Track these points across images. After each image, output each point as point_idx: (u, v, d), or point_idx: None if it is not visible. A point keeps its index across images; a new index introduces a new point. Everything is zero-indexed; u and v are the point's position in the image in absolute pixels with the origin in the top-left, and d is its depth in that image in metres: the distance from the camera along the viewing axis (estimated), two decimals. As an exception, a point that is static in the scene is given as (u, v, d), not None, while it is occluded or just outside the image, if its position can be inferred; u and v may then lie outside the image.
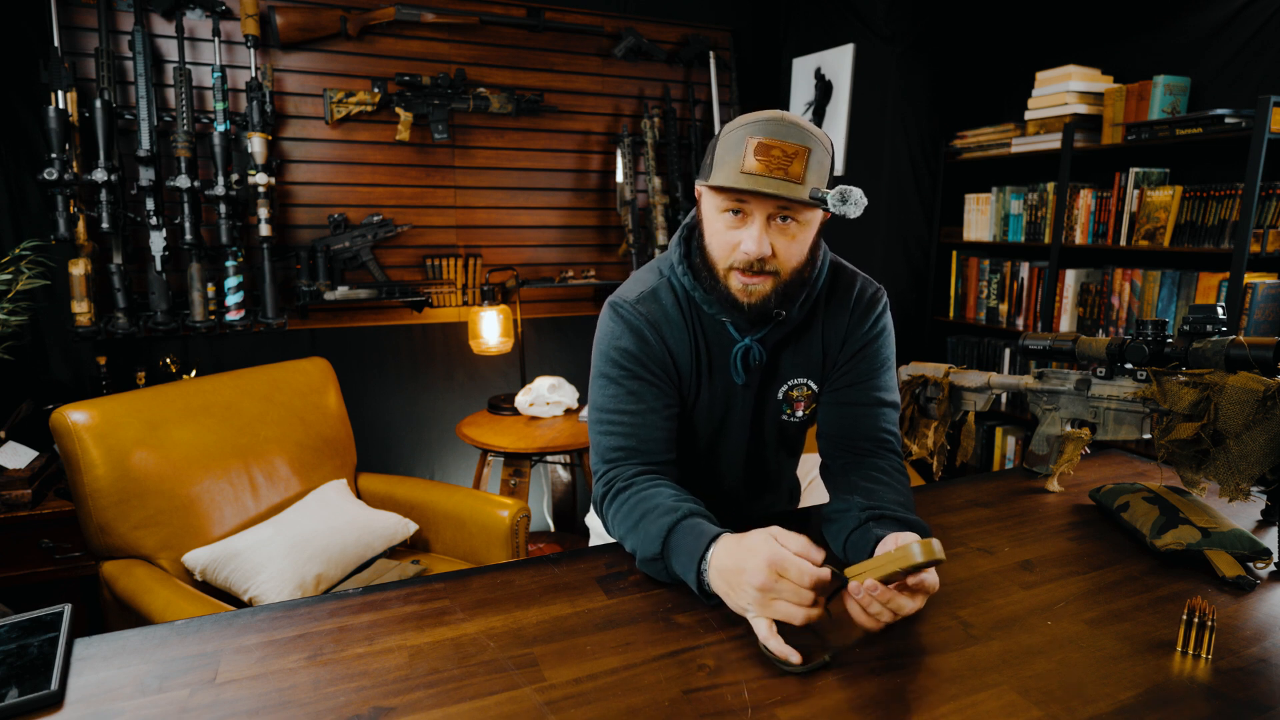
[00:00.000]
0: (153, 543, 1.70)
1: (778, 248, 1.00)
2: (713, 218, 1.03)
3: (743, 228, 1.00)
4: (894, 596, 0.81)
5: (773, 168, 0.94)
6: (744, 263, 1.00)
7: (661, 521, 0.95)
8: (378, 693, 0.76)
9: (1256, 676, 0.80)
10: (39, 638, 0.84)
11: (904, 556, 0.79)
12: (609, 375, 1.10)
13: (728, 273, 1.03)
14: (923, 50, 2.98)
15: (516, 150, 3.06)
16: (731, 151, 0.96)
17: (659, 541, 0.94)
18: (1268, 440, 1.01)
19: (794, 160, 0.94)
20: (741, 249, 1.00)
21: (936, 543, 0.79)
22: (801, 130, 0.96)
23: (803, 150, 0.94)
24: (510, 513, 2.03)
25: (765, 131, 0.95)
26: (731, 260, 1.02)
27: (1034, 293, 2.78)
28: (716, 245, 1.03)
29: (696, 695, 0.76)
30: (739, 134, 0.96)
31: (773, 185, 0.94)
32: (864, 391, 1.15)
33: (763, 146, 0.94)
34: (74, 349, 2.50)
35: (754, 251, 0.98)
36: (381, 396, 3.01)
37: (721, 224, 1.02)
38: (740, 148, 0.95)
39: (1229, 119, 2.11)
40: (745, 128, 0.96)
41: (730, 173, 0.96)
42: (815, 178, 0.96)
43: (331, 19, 2.65)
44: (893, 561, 0.80)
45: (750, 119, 0.97)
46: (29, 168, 2.36)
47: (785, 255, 1.01)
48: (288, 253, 2.72)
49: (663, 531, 0.94)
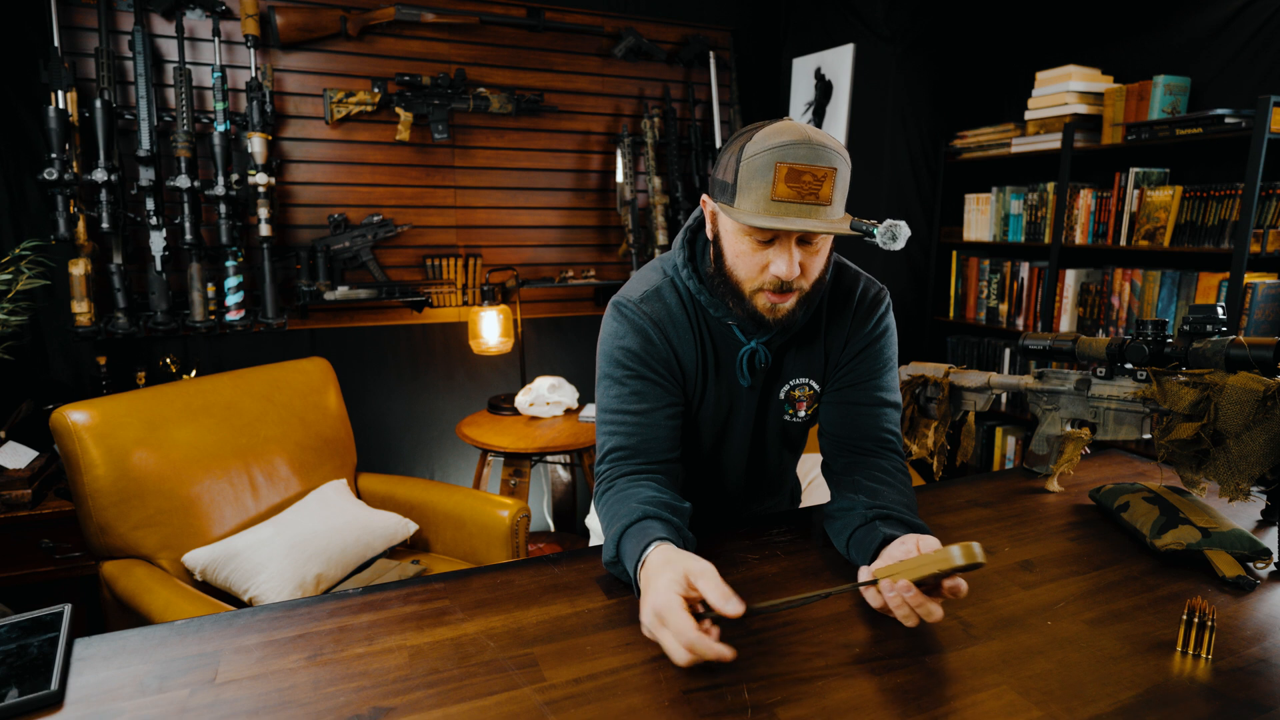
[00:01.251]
0: (153, 543, 1.70)
1: (804, 266, 1.00)
2: (736, 239, 1.01)
3: (770, 250, 0.98)
4: (925, 601, 0.81)
5: (804, 194, 0.92)
6: (775, 285, 1.00)
7: (618, 525, 0.96)
8: (378, 693, 0.76)
9: (1256, 676, 0.80)
10: (39, 638, 0.84)
11: (944, 559, 0.77)
12: (613, 376, 1.10)
13: (755, 294, 1.02)
14: (923, 50, 2.98)
15: (516, 150, 3.06)
16: (759, 176, 0.93)
17: (614, 545, 0.95)
18: (1268, 440, 1.01)
19: (824, 184, 0.92)
20: (772, 272, 0.98)
21: (977, 545, 0.77)
22: (828, 151, 0.93)
23: (831, 172, 0.93)
24: (510, 513, 2.03)
25: (794, 157, 0.91)
26: (761, 282, 1.01)
27: (1034, 293, 2.78)
28: (744, 267, 1.01)
29: (696, 695, 0.76)
30: (765, 159, 0.92)
31: (809, 215, 0.93)
32: (866, 391, 1.15)
33: (794, 173, 0.91)
34: (74, 349, 2.50)
35: (786, 275, 0.97)
36: (381, 396, 3.02)
37: (747, 246, 1.00)
38: (768, 174, 0.92)
39: (1229, 119, 2.11)
40: (772, 151, 0.92)
41: (759, 200, 0.93)
42: (840, 196, 0.95)
43: (331, 19, 2.65)
44: (932, 563, 0.78)
45: (775, 142, 0.92)
46: (29, 168, 2.36)
47: (810, 272, 1.01)
48: (288, 253, 2.72)
49: (616, 536, 0.95)
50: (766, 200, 0.93)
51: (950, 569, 0.78)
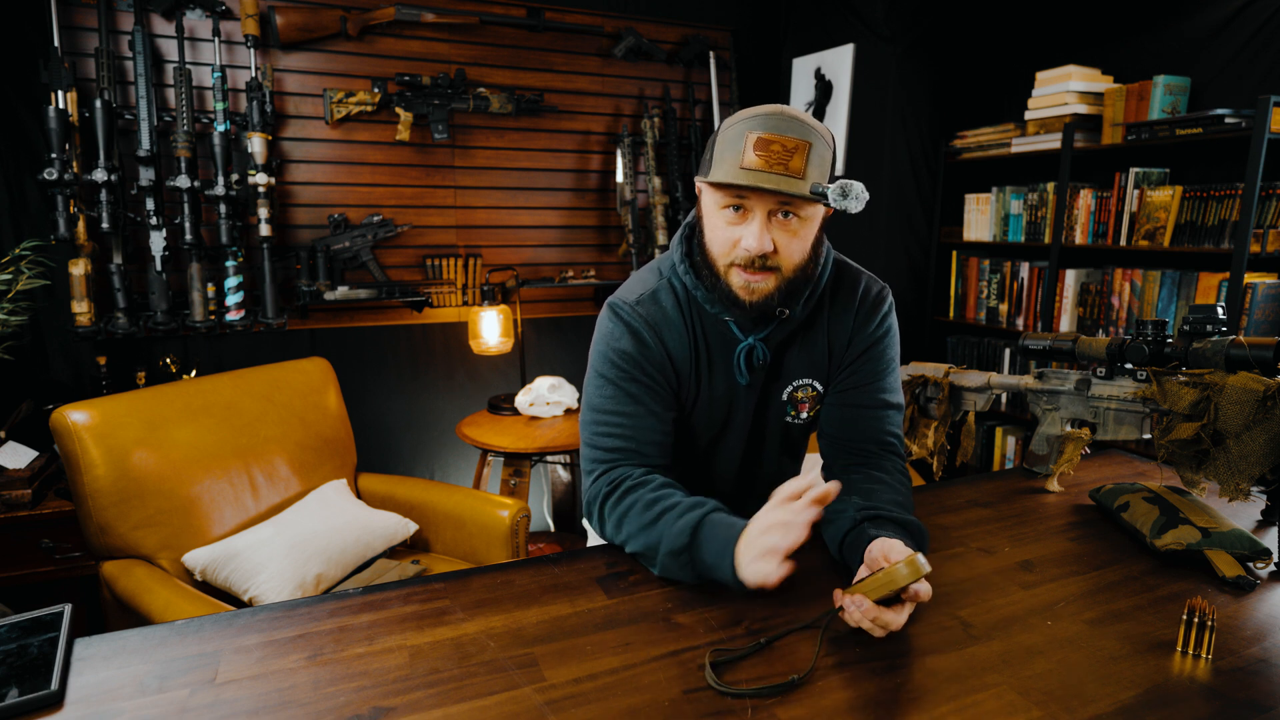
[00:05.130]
0: (153, 543, 1.70)
1: (779, 244, 0.99)
2: (713, 214, 1.02)
3: (743, 224, 0.99)
4: (880, 614, 0.84)
5: (773, 163, 0.93)
6: (745, 259, 0.99)
7: (690, 515, 0.96)
8: (378, 693, 0.76)
9: (1256, 676, 0.80)
10: (39, 638, 0.84)
11: (891, 580, 0.82)
12: (606, 376, 1.09)
13: (728, 269, 1.02)
14: (923, 50, 2.98)
15: (516, 150, 3.06)
16: (731, 147, 0.95)
17: (688, 533, 0.94)
18: (1268, 440, 1.01)
19: (794, 155, 0.93)
20: (742, 245, 0.99)
21: (920, 557, 0.82)
22: (802, 124, 0.95)
23: (803, 145, 0.93)
24: (510, 513, 2.03)
25: (765, 126, 0.94)
26: (732, 257, 1.01)
27: (1034, 293, 2.78)
28: (717, 241, 1.02)
29: (696, 695, 0.76)
30: (739, 129, 0.95)
31: (772, 180, 0.93)
32: (869, 393, 1.14)
33: (763, 141, 0.93)
34: (74, 349, 2.50)
35: (755, 248, 0.97)
36: (381, 396, 3.02)
37: (721, 220, 1.01)
38: (740, 142, 0.94)
39: (1229, 119, 2.11)
40: (745, 122, 0.95)
41: (729, 168, 0.95)
42: (816, 173, 0.95)
43: (331, 19, 2.65)
44: (883, 585, 0.82)
45: (750, 114, 0.96)
46: (29, 168, 2.36)
47: (787, 252, 1.00)
48: (288, 253, 2.72)
49: (692, 523, 0.95)
50: (736, 168, 0.94)
51: (899, 587, 0.82)
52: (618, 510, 1.04)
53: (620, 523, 1.04)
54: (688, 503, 0.98)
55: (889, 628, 0.84)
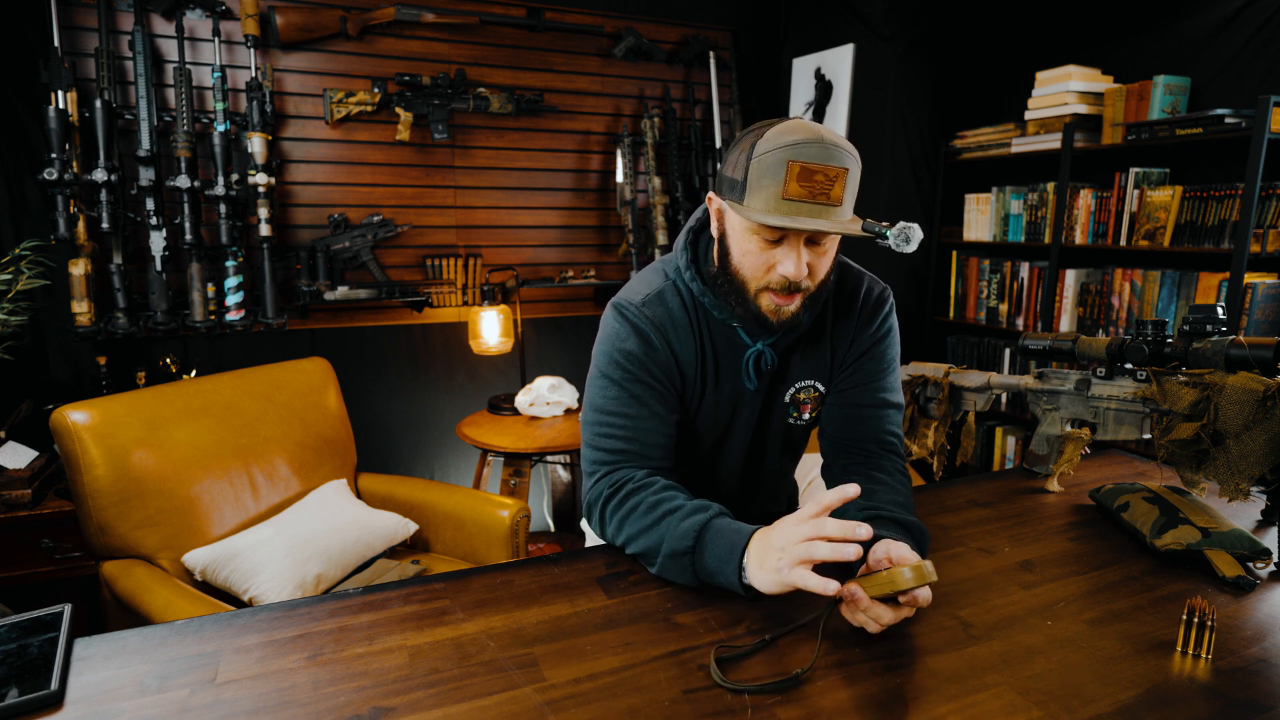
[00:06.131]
0: (153, 543, 1.70)
1: (812, 266, 0.99)
2: (743, 237, 1.00)
3: (778, 249, 0.98)
4: (871, 606, 0.83)
5: (815, 194, 0.91)
6: (780, 284, 0.99)
7: (695, 518, 0.95)
8: (378, 693, 0.76)
9: (1256, 676, 0.80)
10: (39, 638, 0.84)
11: (892, 581, 0.81)
12: (611, 376, 1.09)
13: (760, 293, 1.01)
14: (923, 50, 2.98)
15: (516, 150, 3.06)
16: (770, 175, 0.92)
17: (692, 536, 0.94)
18: (1268, 440, 1.01)
19: (835, 184, 0.92)
20: (779, 272, 0.98)
21: (928, 565, 0.80)
22: (841, 151, 0.92)
23: (843, 173, 0.92)
24: (510, 513, 2.03)
25: (807, 156, 0.91)
26: (766, 281, 1.00)
27: (1034, 293, 2.78)
28: (748, 265, 1.00)
29: (696, 695, 0.76)
30: (777, 156, 0.92)
31: (819, 215, 0.92)
32: (869, 393, 1.14)
33: (806, 171, 0.91)
34: (74, 349, 2.50)
35: (795, 275, 0.97)
36: (381, 396, 3.02)
37: (754, 244, 0.99)
38: (779, 172, 0.91)
39: (1229, 119, 2.11)
40: (784, 150, 0.91)
41: (770, 198, 0.93)
42: (850, 197, 0.95)
43: (331, 19, 2.65)
44: (884, 585, 0.82)
45: (788, 140, 0.92)
46: (29, 168, 2.36)
47: (818, 273, 1.00)
48: (288, 253, 2.72)
49: (696, 527, 0.94)
50: (777, 199, 0.92)
51: (900, 590, 0.80)
52: (620, 512, 1.03)
53: (622, 525, 1.03)
54: (691, 506, 0.98)
55: (879, 621, 0.84)
